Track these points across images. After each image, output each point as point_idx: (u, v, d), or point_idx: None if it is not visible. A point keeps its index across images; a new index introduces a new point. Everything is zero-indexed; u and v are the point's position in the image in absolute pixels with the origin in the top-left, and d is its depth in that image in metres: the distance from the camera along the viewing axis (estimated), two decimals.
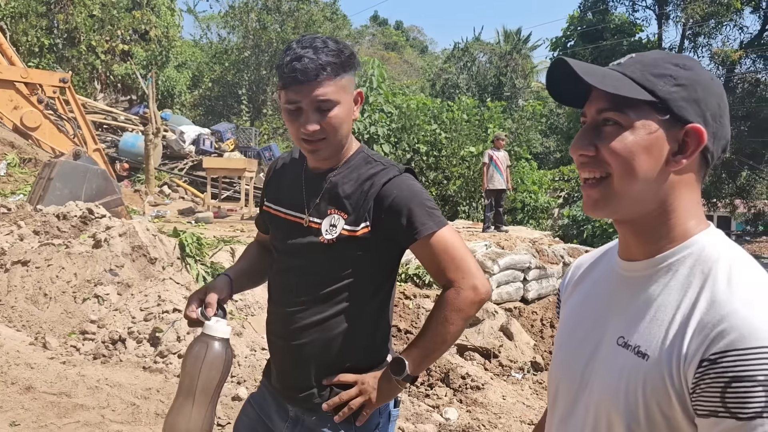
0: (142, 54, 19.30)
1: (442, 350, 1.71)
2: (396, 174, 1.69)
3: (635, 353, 1.00)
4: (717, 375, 0.88)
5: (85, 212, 6.75)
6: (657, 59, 1.05)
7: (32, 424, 3.95)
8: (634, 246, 1.07)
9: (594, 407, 1.06)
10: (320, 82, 1.58)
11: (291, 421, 1.77)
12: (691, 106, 1.00)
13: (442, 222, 1.67)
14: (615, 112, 1.01)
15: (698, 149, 1.01)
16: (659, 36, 27.05)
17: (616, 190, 1.01)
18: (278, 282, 1.82)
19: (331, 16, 21.90)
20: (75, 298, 5.64)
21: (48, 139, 8.16)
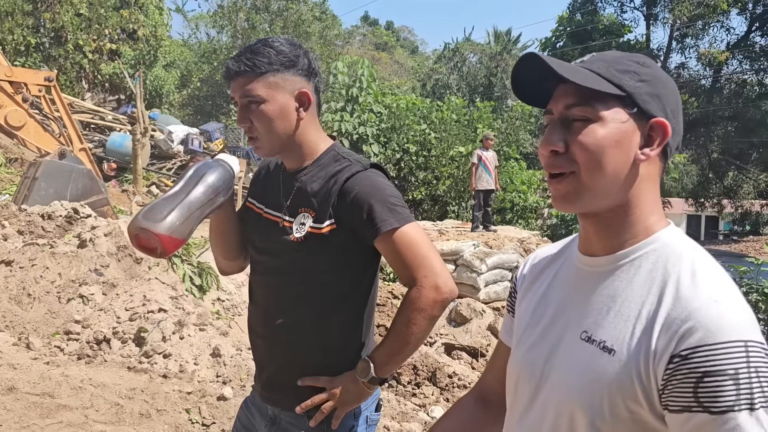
0: (130, 53, 19.17)
1: (407, 351, 1.66)
2: (359, 169, 1.67)
3: (600, 348, 1.01)
4: (689, 371, 0.89)
5: (71, 212, 6.70)
6: (619, 57, 1.07)
7: (14, 425, 3.92)
8: (596, 241, 1.08)
9: (555, 403, 1.06)
10: (248, 79, 1.62)
11: (269, 420, 1.78)
12: (654, 101, 1.03)
13: (405, 219, 1.63)
14: (584, 107, 1.02)
15: (664, 142, 1.03)
16: (647, 37, 27.23)
17: (585, 184, 1.02)
18: (257, 281, 1.82)
19: (320, 15, 21.87)
20: (59, 298, 5.60)
21: (33, 138, 8.09)
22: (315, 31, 21.12)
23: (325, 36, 21.38)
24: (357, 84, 16.92)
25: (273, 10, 20.60)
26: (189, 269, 6.78)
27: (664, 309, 0.95)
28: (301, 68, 1.67)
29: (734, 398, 0.86)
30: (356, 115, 16.65)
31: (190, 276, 6.62)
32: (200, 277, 6.78)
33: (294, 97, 1.66)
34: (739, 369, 0.87)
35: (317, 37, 21.05)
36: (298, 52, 1.69)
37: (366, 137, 16.36)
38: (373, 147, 16.35)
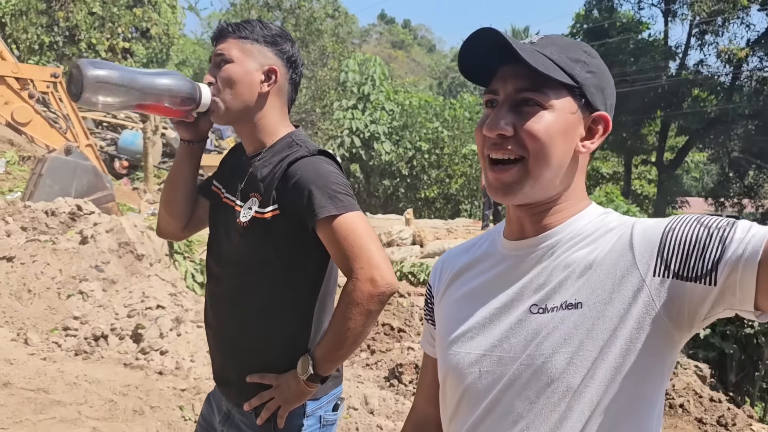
0: (143, 51, 19.32)
1: (346, 347, 1.57)
2: (304, 154, 1.62)
3: (564, 308, 1.00)
4: (679, 250, 0.93)
5: (74, 208, 6.74)
6: (569, 44, 1.04)
7: (7, 419, 3.92)
8: (529, 226, 1.07)
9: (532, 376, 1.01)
10: (225, 38, 1.67)
11: (224, 416, 1.74)
12: (599, 94, 1.03)
13: (346, 207, 1.56)
14: (536, 93, 0.99)
15: (605, 136, 1.03)
16: (665, 33, 26.85)
17: (531, 173, 0.99)
18: (210, 269, 1.78)
19: (333, 12, 21.86)
20: (59, 294, 5.62)
21: (39, 135, 8.15)
22: (327, 28, 21.13)
23: (337, 33, 21.39)
24: (369, 82, 16.88)
25: (285, 7, 20.66)
26: (191, 266, 6.78)
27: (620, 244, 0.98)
28: (281, 50, 1.69)
29: (721, 229, 0.91)
30: (368, 112, 16.60)
31: (192, 273, 6.61)
32: (203, 274, 6.76)
33: (263, 70, 1.66)
34: (698, 221, 0.94)
35: (329, 35, 21.06)
36: (285, 37, 1.71)
37: (378, 135, 16.31)
38: (384, 145, 16.31)
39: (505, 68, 1.01)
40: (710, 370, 8.19)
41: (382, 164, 16.64)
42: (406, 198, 16.89)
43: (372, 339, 7.44)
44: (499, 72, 1.03)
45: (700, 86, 26.04)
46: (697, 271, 0.91)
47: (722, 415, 6.47)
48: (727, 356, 8.59)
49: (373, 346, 7.25)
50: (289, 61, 1.71)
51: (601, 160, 31.85)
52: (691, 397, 6.74)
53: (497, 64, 1.03)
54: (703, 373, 7.78)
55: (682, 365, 7.80)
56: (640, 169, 30.75)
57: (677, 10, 26.02)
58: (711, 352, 8.58)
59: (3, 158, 12.19)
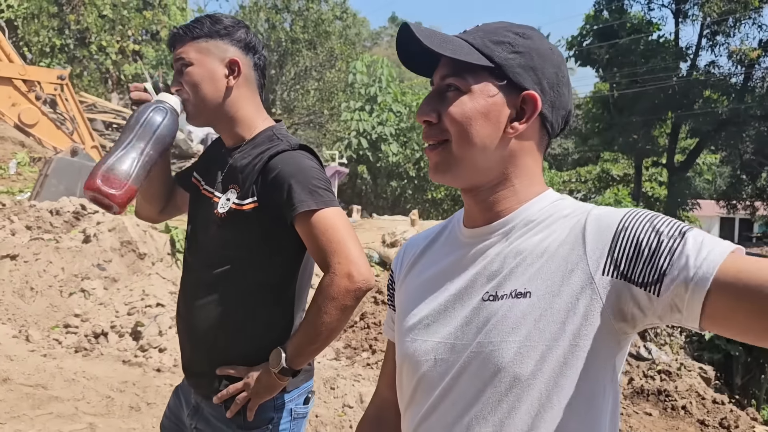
0: (153, 54, 19.49)
1: (319, 341, 1.57)
2: (285, 148, 1.62)
3: (513, 297, 0.99)
4: (628, 251, 0.92)
5: (78, 208, 6.81)
6: (498, 27, 1.04)
7: (5, 414, 3.97)
8: (478, 213, 1.07)
9: (480, 364, 1.01)
10: (182, 43, 1.68)
11: (192, 409, 1.73)
12: (527, 73, 1.01)
13: (325, 202, 1.57)
14: (455, 77, 1.01)
15: (534, 115, 1.01)
16: (676, 34, 26.64)
17: (455, 155, 1.01)
18: (186, 260, 1.79)
19: (341, 14, 21.94)
20: (61, 292, 5.69)
21: (46, 136, 8.26)
22: (335, 30, 21.20)
23: (345, 35, 21.45)
24: (376, 83, 16.90)
25: (293, 9, 20.76)
26: None
27: (575, 230, 0.98)
28: (236, 40, 1.69)
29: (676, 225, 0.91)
30: (375, 114, 16.63)
31: None
32: None
33: (224, 64, 1.67)
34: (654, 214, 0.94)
35: (337, 37, 21.14)
36: (238, 26, 1.71)
37: (385, 137, 16.33)
38: (392, 146, 16.32)
39: (441, 59, 1.04)
40: (715, 373, 8.11)
41: (390, 165, 16.66)
42: (413, 199, 16.90)
43: (374, 339, 7.45)
44: (438, 64, 1.06)
45: (711, 87, 25.79)
46: (644, 277, 0.90)
47: (725, 417, 6.41)
48: (733, 358, 8.51)
49: (375, 346, 7.25)
50: (248, 48, 1.71)
51: (612, 162, 31.65)
52: (694, 398, 6.68)
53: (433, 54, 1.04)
54: (707, 375, 7.71)
55: (686, 367, 7.73)
56: (651, 171, 30.50)
57: (688, 11, 25.81)
58: (716, 354, 8.51)
59: (14, 159, 12.36)
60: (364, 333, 7.63)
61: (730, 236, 40.30)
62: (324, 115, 21.09)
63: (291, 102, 21.43)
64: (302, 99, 21.78)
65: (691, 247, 0.87)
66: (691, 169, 30.67)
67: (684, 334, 8.84)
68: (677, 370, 7.35)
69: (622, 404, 6.56)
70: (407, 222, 11.69)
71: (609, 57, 26.67)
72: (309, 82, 21.60)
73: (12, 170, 12.00)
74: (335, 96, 20.51)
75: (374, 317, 7.81)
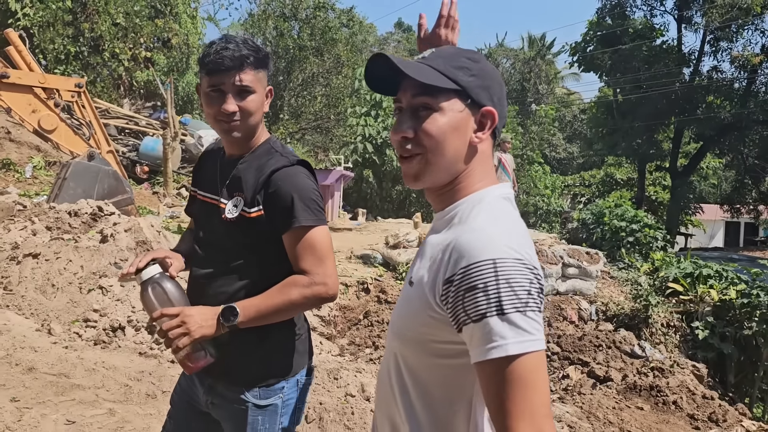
0: (164, 61, 19.87)
1: (271, 316, 1.80)
2: (285, 164, 1.85)
3: (408, 284, 1.23)
4: (455, 291, 1.07)
5: (95, 210, 7.13)
6: (453, 54, 1.26)
7: (31, 400, 4.24)
8: (436, 205, 1.31)
9: (388, 341, 1.29)
10: (243, 69, 1.83)
11: (207, 387, 1.97)
12: (483, 92, 1.23)
13: (320, 220, 1.83)
14: (428, 97, 1.20)
15: (494, 126, 1.24)
16: (679, 40, 26.79)
17: (430, 164, 1.22)
18: (195, 255, 2.03)
19: (348, 22, 22.30)
20: (81, 288, 5.99)
21: (64, 141, 8.61)
22: (342, 37, 21.55)
23: (352, 42, 21.79)
24: None
25: (301, 17, 21.12)
26: None
27: (447, 245, 1.13)
28: (269, 70, 1.94)
29: (485, 306, 1.02)
30: (380, 119, 16.90)
31: None
32: None
33: (266, 92, 1.92)
34: (488, 282, 1.02)
35: (344, 44, 21.48)
36: (268, 56, 1.93)
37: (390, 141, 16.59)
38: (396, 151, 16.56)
39: (405, 81, 1.23)
40: (708, 371, 8.30)
41: (394, 170, 16.91)
42: (417, 203, 17.13)
43: (377, 336, 7.72)
44: (402, 84, 1.25)
45: (714, 92, 25.91)
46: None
47: (713, 412, 6.63)
48: (726, 357, 8.69)
49: (378, 343, 7.53)
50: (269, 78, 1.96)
51: (615, 166, 31.77)
52: (684, 394, 6.90)
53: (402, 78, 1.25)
54: (700, 373, 7.91)
55: (679, 365, 7.94)
56: (654, 175, 30.60)
57: (691, 17, 25.96)
58: (710, 353, 8.69)
59: (30, 163, 12.73)
60: (368, 330, 7.91)
61: (735, 240, 40.22)
62: (330, 121, 21.45)
63: (298, 108, 21.80)
64: (309, 105, 22.14)
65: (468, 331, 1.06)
66: (696, 174, 30.73)
67: (678, 334, 9.06)
68: (670, 367, 7.58)
69: (615, 399, 6.82)
70: (410, 225, 11.97)
71: (612, 62, 26.86)
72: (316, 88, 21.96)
73: (28, 174, 12.37)
74: (341, 102, 20.85)
75: (377, 316, 8.09)
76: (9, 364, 4.67)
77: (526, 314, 1.02)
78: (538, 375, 1.01)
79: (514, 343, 1.00)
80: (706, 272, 9.61)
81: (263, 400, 1.89)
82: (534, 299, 1.04)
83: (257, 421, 1.88)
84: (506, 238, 1.09)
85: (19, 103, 8.23)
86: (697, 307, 9.18)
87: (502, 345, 1.00)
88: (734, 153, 27.71)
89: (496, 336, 1.00)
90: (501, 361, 1.00)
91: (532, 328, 1.01)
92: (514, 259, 1.05)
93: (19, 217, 7.11)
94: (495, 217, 1.17)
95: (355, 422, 4.47)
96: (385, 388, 1.30)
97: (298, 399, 1.98)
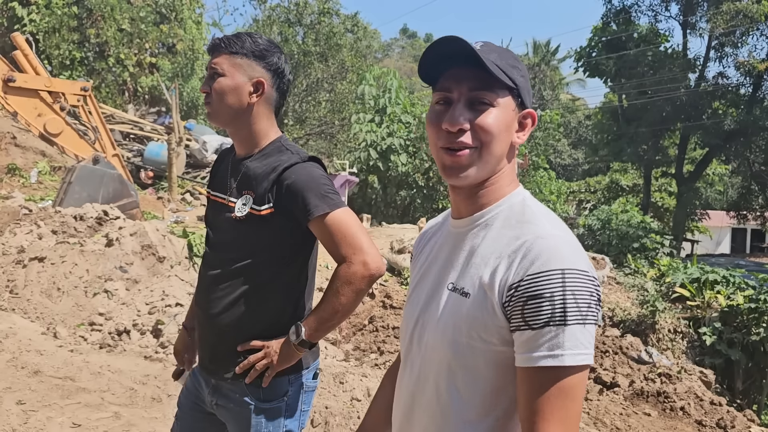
0: (168, 66, 19.95)
1: (335, 319, 1.82)
2: (297, 161, 1.85)
3: (461, 294, 1.18)
4: (518, 297, 1.07)
5: (101, 214, 7.13)
6: (504, 51, 1.24)
7: (37, 403, 4.23)
8: (464, 206, 1.25)
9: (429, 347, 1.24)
10: (217, 54, 1.89)
11: (212, 387, 1.97)
12: (527, 95, 1.23)
13: (336, 204, 1.81)
14: (487, 92, 1.17)
15: (533, 127, 1.25)
16: (684, 45, 26.78)
17: (482, 159, 1.19)
18: (206, 253, 2.04)
19: (352, 27, 22.37)
20: (86, 292, 5.99)
21: (70, 145, 8.63)
22: (346, 43, 21.61)
23: (356, 48, 21.86)
24: (386, 95, 17.19)
25: (306, 23, 21.20)
26: None
27: (506, 252, 1.13)
28: (268, 63, 1.90)
29: (548, 316, 1.04)
30: (385, 125, 16.91)
31: None
32: None
33: (251, 82, 1.88)
34: (554, 292, 1.04)
35: (348, 49, 21.54)
36: (273, 51, 1.91)
37: (394, 147, 16.60)
38: (401, 157, 16.57)
39: (455, 70, 1.19)
40: (716, 377, 8.25)
41: (399, 175, 16.91)
42: (422, 208, 17.12)
43: (382, 341, 7.69)
44: (449, 73, 1.20)
45: (720, 98, 25.87)
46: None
47: (722, 418, 6.58)
48: (734, 363, 8.63)
49: (383, 348, 7.50)
50: (276, 73, 1.92)
51: (621, 172, 31.70)
52: (692, 400, 6.85)
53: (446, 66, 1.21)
54: (707, 379, 7.86)
55: (687, 371, 7.90)
56: (660, 181, 30.53)
57: (695, 23, 25.95)
58: (717, 359, 8.64)
59: (35, 168, 12.76)
60: (373, 336, 7.88)
61: (742, 246, 40.08)
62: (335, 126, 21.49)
63: (303, 113, 21.85)
64: (314, 110, 22.18)
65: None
66: (702, 180, 30.67)
67: (686, 340, 9.01)
68: (677, 373, 7.53)
69: (622, 405, 6.77)
70: (416, 230, 11.95)
71: (617, 68, 26.85)
72: (320, 93, 22.01)
73: (33, 179, 12.40)
74: (346, 107, 20.89)
75: (382, 321, 8.07)
76: (15, 367, 4.67)
77: (585, 327, 1.05)
78: (581, 388, 1.05)
79: (570, 355, 1.03)
80: (713, 278, 9.56)
81: (266, 403, 1.88)
82: (593, 313, 1.06)
83: (260, 423, 1.87)
84: (573, 247, 1.11)
85: (25, 107, 8.26)
86: (705, 312, 9.13)
87: (558, 355, 1.03)
88: (740, 159, 27.64)
89: (553, 346, 1.04)
90: (552, 370, 1.04)
91: (587, 341, 1.05)
92: (581, 271, 1.07)
93: (25, 221, 7.12)
94: (554, 221, 1.18)
95: None
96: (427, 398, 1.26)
97: (303, 402, 1.96)
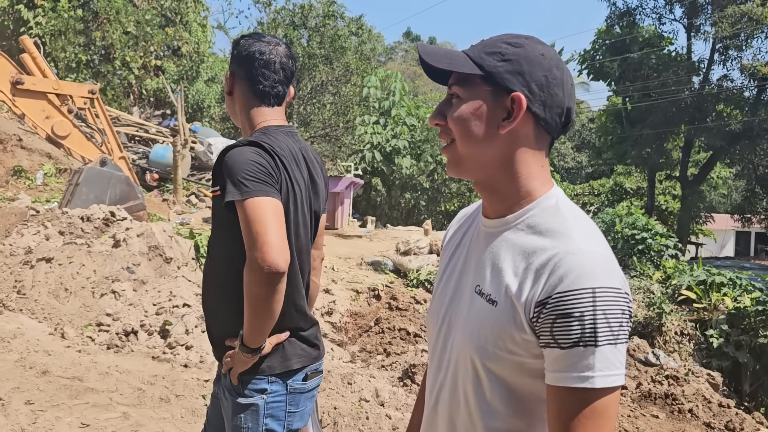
0: (174, 69, 20.01)
1: (262, 322, 1.74)
2: (237, 145, 1.81)
3: (487, 301, 1.14)
4: (546, 315, 1.03)
5: (108, 215, 7.14)
6: (495, 40, 1.20)
7: (45, 403, 4.24)
8: (488, 206, 1.22)
9: (456, 347, 1.22)
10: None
11: (217, 377, 2.02)
12: (515, 78, 1.13)
13: (250, 193, 1.68)
14: (456, 85, 1.17)
15: (520, 114, 1.12)
16: (688, 48, 26.77)
17: (459, 152, 1.18)
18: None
19: (357, 30, 22.41)
20: (93, 293, 6.00)
21: (77, 147, 8.66)
22: (351, 45, 21.66)
23: (361, 51, 21.90)
24: (390, 97, 17.21)
25: (310, 26, 21.25)
26: None
27: (536, 264, 1.07)
28: (233, 57, 1.98)
29: (578, 336, 1.00)
30: (389, 128, 16.93)
31: None
32: None
33: (226, 75, 2.04)
34: (584, 311, 0.99)
35: (353, 52, 21.58)
36: (235, 45, 1.99)
37: (398, 149, 16.61)
38: (405, 159, 16.57)
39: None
40: (723, 379, 8.22)
41: (404, 178, 16.91)
42: (427, 210, 17.12)
43: (388, 343, 7.67)
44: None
45: (724, 101, 25.83)
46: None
47: (730, 420, 6.55)
48: (741, 366, 8.60)
49: (389, 349, 7.48)
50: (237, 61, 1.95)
51: (625, 175, 31.66)
52: (700, 402, 6.83)
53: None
54: (715, 382, 7.83)
55: (694, 373, 7.86)
56: (664, 184, 30.47)
57: (700, 26, 25.94)
58: (725, 361, 8.60)
59: (41, 171, 12.79)
60: (379, 337, 7.86)
61: (746, 249, 40.00)
62: (339, 129, 21.53)
63: (307, 116, 21.87)
64: (318, 113, 22.19)
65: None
66: (706, 183, 30.60)
67: (693, 342, 8.97)
68: (685, 375, 7.50)
69: (629, 407, 6.75)
70: (420, 232, 11.95)
71: (621, 71, 26.84)
72: (325, 96, 22.04)
73: (39, 181, 12.42)
74: (350, 110, 20.93)
75: (388, 322, 8.05)
76: (23, 368, 4.67)
77: (617, 347, 1.01)
78: (613, 408, 1.02)
79: (601, 377, 1.00)
80: (719, 280, 9.52)
81: (244, 398, 1.86)
82: (624, 332, 1.03)
83: (239, 419, 1.86)
84: (606, 263, 1.05)
85: (33, 110, 8.29)
86: (711, 315, 9.10)
87: (588, 377, 1.00)
88: (744, 162, 27.60)
89: (583, 367, 1.01)
90: (583, 392, 1.01)
91: (618, 361, 1.01)
92: (613, 288, 1.02)
93: (32, 222, 7.14)
94: (589, 233, 1.10)
95: (369, 427, 4.43)
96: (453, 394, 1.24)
97: (289, 404, 1.91)
